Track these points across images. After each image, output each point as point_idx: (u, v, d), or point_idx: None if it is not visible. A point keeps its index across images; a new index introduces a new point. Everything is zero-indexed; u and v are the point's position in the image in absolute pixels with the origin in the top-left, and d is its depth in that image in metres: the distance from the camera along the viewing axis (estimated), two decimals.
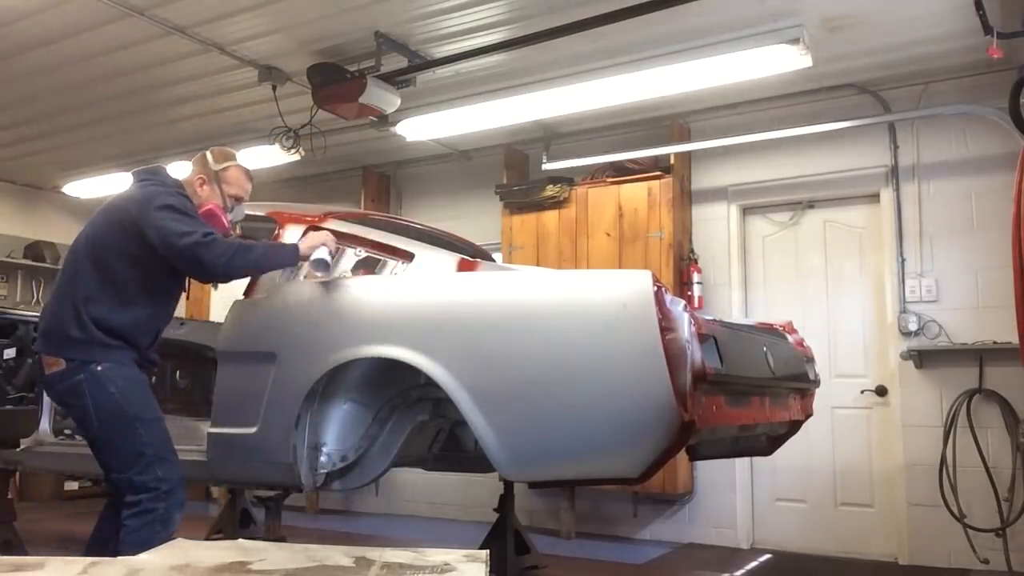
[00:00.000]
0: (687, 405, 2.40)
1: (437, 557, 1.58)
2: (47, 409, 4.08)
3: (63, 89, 5.48)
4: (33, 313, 4.38)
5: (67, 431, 4.38)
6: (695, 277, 5.50)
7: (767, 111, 5.51)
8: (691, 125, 5.81)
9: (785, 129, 5.30)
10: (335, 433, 3.03)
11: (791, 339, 3.63)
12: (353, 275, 3.23)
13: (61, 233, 8.03)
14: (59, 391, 2.87)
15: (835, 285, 5.40)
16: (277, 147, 5.61)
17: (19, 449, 4.05)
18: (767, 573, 4.88)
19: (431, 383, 2.74)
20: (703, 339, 2.55)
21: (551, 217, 5.87)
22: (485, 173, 6.44)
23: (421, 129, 5.66)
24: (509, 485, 3.86)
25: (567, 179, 5.85)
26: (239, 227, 3.43)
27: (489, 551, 1.66)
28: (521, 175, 6.31)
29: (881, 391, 5.14)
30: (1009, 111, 3.85)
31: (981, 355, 4.74)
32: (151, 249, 2.82)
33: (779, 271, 5.60)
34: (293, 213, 3.37)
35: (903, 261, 5.06)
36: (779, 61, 4.43)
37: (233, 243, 2.87)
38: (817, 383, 3.71)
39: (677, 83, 4.76)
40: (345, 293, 3.07)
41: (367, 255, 3.81)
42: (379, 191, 7.03)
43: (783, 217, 5.63)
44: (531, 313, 2.66)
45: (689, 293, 5.43)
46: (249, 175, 3.23)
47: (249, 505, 4.69)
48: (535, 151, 6.31)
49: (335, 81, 4.76)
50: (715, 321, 2.91)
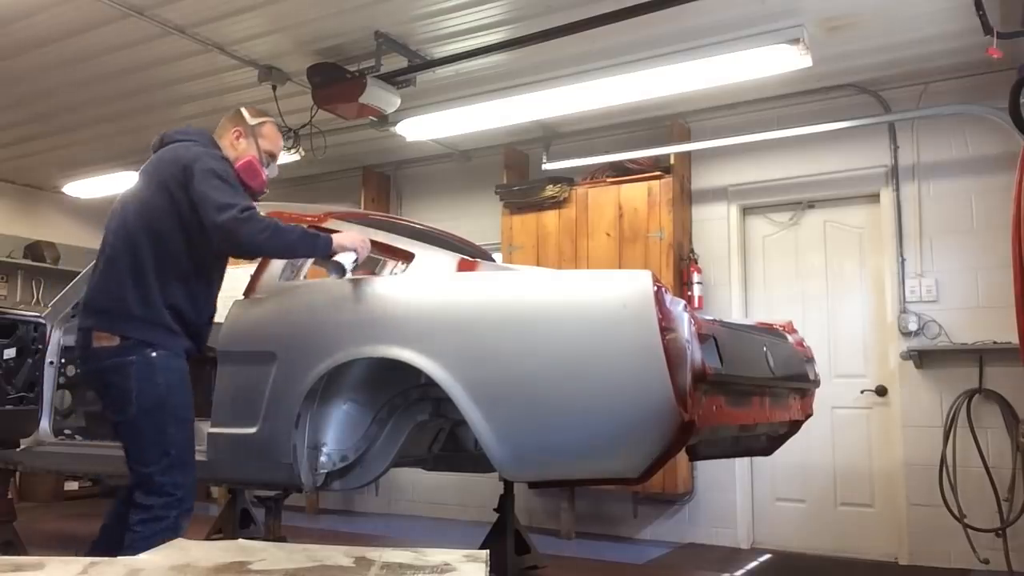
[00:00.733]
0: (687, 405, 2.40)
1: (437, 557, 1.58)
2: (47, 409, 4.08)
3: (63, 89, 5.48)
4: (33, 313, 4.38)
5: (67, 431, 4.38)
6: (695, 277, 5.50)
7: (767, 111, 5.51)
8: (691, 125, 5.81)
9: (785, 129, 5.30)
10: (335, 433, 3.02)
11: (791, 339, 3.63)
12: (353, 275, 3.23)
13: (61, 233, 8.05)
14: (103, 367, 2.74)
15: (835, 285, 5.40)
16: None
17: (19, 449, 4.05)
18: (767, 573, 4.88)
19: (431, 383, 2.74)
20: (703, 339, 2.55)
21: (551, 217, 5.87)
22: (485, 173, 6.44)
23: (421, 129, 5.67)
24: (509, 485, 3.86)
25: (567, 179, 5.86)
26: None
27: (489, 551, 1.66)
28: (521, 175, 6.31)
29: (881, 391, 5.14)
30: (1009, 111, 3.84)
31: (981, 355, 4.75)
32: (196, 215, 2.74)
33: (779, 271, 5.60)
34: (293, 213, 3.37)
35: (903, 261, 5.07)
36: (779, 61, 4.43)
37: (271, 222, 2.76)
38: (817, 383, 3.71)
39: (677, 83, 4.77)
40: (345, 293, 3.07)
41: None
42: (379, 191, 7.03)
43: (783, 217, 5.63)
44: (531, 313, 2.65)
45: (689, 293, 5.43)
46: (281, 134, 3.21)
47: (249, 505, 4.69)
48: (535, 151, 6.31)
49: (335, 81, 4.76)
50: (715, 321, 2.91)
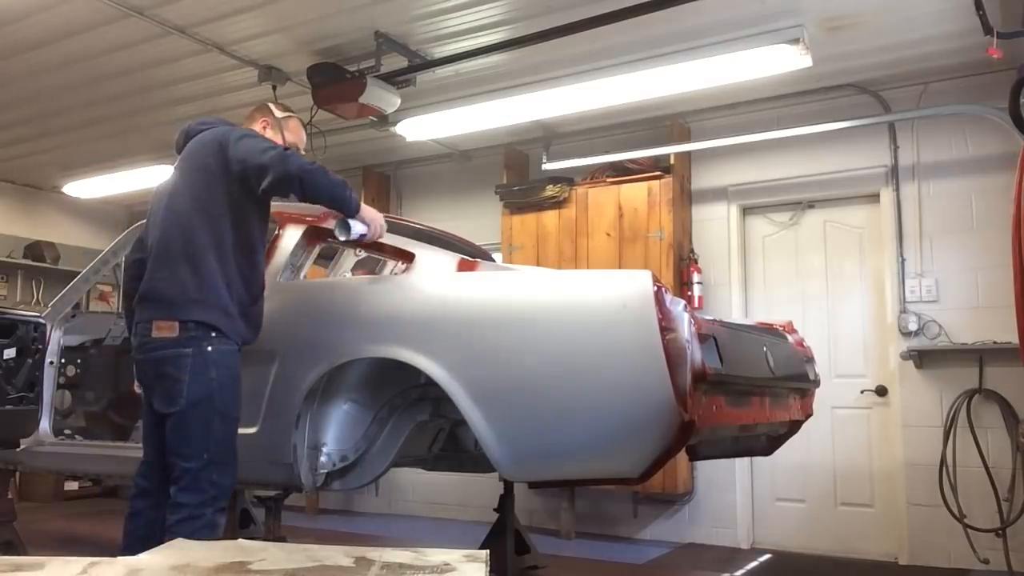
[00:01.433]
0: (687, 405, 2.40)
1: (437, 557, 1.58)
2: (47, 409, 4.08)
3: (63, 89, 5.48)
4: (33, 313, 4.38)
5: (67, 431, 4.38)
6: (695, 277, 5.50)
7: (767, 111, 5.51)
8: (691, 125, 5.81)
9: (785, 129, 5.30)
10: (335, 433, 3.02)
11: (791, 339, 3.62)
12: (353, 275, 3.23)
13: (61, 233, 8.05)
14: (159, 357, 2.72)
15: (835, 285, 5.40)
16: None
17: (19, 449, 4.05)
18: (767, 573, 4.88)
19: (431, 383, 2.74)
20: (703, 339, 2.55)
21: (551, 217, 5.87)
22: (485, 173, 6.44)
23: (421, 129, 5.67)
24: (509, 485, 3.86)
25: (567, 179, 5.85)
26: None
27: (489, 551, 1.66)
28: (521, 175, 6.31)
29: (881, 391, 5.14)
30: (1009, 111, 3.84)
31: (981, 355, 4.75)
32: (241, 185, 2.77)
33: (779, 271, 5.60)
34: (293, 213, 3.37)
35: (903, 261, 5.06)
36: (779, 61, 4.43)
37: (313, 161, 2.84)
38: (817, 383, 3.71)
39: (677, 83, 4.77)
40: (345, 293, 3.07)
41: (367, 255, 3.82)
42: (379, 191, 7.03)
43: (783, 217, 5.63)
44: (531, 313, 2.65)
45: (689, 293, 5.43)
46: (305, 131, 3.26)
47: (249, 505, 4.68)
48: (535, 151, 6.31)
49: (335, 81, 4.76)
50: (715, 321, 2.91)
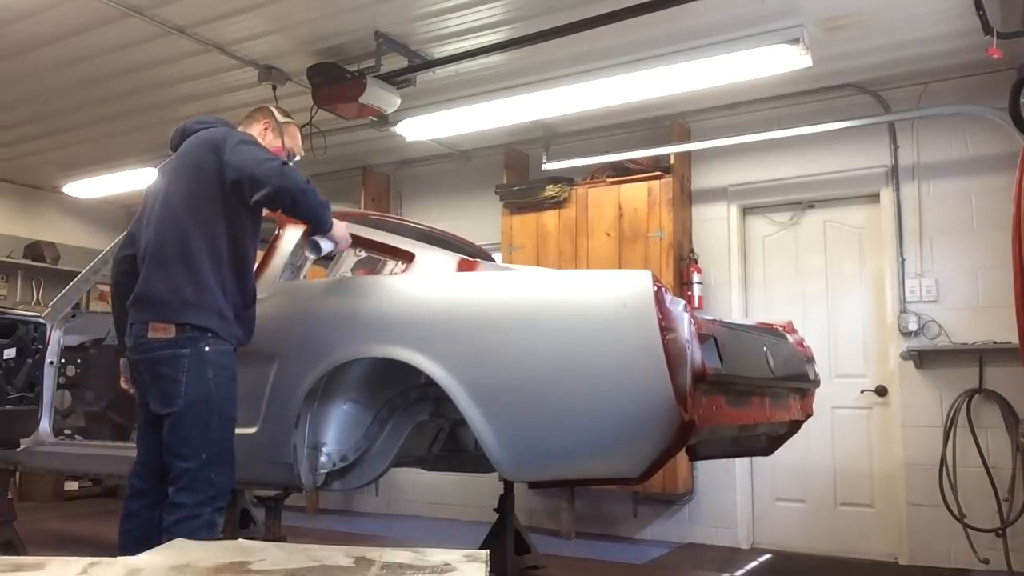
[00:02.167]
0: (687, 405, 2.40)
1: (437, 557, 1.58)
2: (47, 409, 4.07)
3: (63, 89, 5.48)
4: (33, 313, 4.37)
5: (67, 431, 4.38)
6: (695, 277, 5.50)
7: (767, 111, 5.51)
8: (691, 125, 5.81)
9: (785, 129, 5.30)
10: (335, 433, 3.02)
11: (791, 339, 3.63)
12: (353, 275, 3.23)
13: (61, 233, 8.05)
14: (156, 357, 2.73)
15: (835, 285, 5.40)
16: None
17: (19, 449, 4.05)
18: (767, 573, 4.88)
19: (431, 383, 2.74)
20: (703, 339, 2.55)
21: (551, 217, 5.87)
22: (485, 173, 6.44)
23: (421, 129, 5.67)
24: (509, 485, 3.86)
25: (567, 179, 5.85)
26: None
27: (489, 551, 1.66)
28: (521, 175, 6.31)
29: (881, 391, 5.14)
30: (1009, 111, 3.84)
31: (981, 355, 4.74)
32: (234, 190, 2.76)
33: (779, 271, 5.60)
34: None
35: (903, 261, 5.06)
36: (779, 61, 4.43)
37: (308, 180, 2.81)
38: (817, 383, 3.71)
39: (677, 83, 4.77)
40: (345, 293, 3.07)
41: (367, 255, 3.82)
42: (379, 191, 7.03)
43: (783, 217, 5.63)
44: (531, 313, 2.65)
45: (689, 293, 5.43)
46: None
47: (249, 505, 4.68)
48: (535, 151, 6.31)
49: (335, 81, 4.76)
50: (715, 321, 2.91)
